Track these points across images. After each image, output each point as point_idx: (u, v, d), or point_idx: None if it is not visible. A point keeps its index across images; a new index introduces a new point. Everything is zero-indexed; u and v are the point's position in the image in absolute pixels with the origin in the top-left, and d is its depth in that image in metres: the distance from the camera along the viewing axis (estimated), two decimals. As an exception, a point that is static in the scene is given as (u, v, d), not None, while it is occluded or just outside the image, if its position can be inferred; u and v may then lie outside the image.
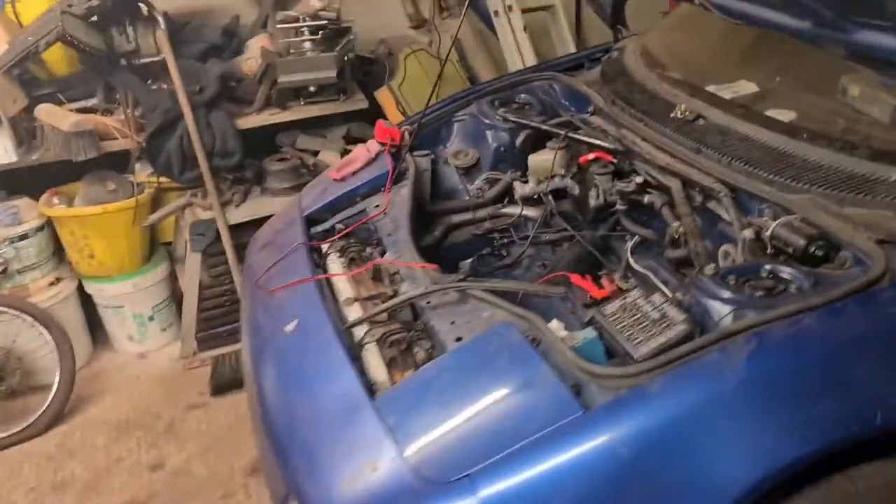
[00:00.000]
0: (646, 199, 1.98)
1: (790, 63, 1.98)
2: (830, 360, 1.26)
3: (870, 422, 1.21)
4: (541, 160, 2.24)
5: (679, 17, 2.58)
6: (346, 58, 3.29)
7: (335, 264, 2.01)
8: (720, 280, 1.41)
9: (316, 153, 3.38)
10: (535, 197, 2.26)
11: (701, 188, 1.77)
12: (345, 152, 3.43)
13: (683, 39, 2.43)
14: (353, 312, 1.78)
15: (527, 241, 2.24)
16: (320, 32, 3.21)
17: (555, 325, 1.44)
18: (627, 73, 2.31)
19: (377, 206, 2.17)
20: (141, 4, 3.10)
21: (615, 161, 2.08)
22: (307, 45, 3.20)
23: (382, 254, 1.99)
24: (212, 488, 2.61)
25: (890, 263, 1.33)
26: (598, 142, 2.09)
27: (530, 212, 2.27)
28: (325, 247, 2.09)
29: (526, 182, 2.28)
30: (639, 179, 1.99)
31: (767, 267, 1.43)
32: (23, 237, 3.10)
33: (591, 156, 2.11)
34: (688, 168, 1.80)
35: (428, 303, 1.69)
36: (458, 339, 1.54)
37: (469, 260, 2.14)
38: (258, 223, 2.56)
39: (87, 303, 3.37)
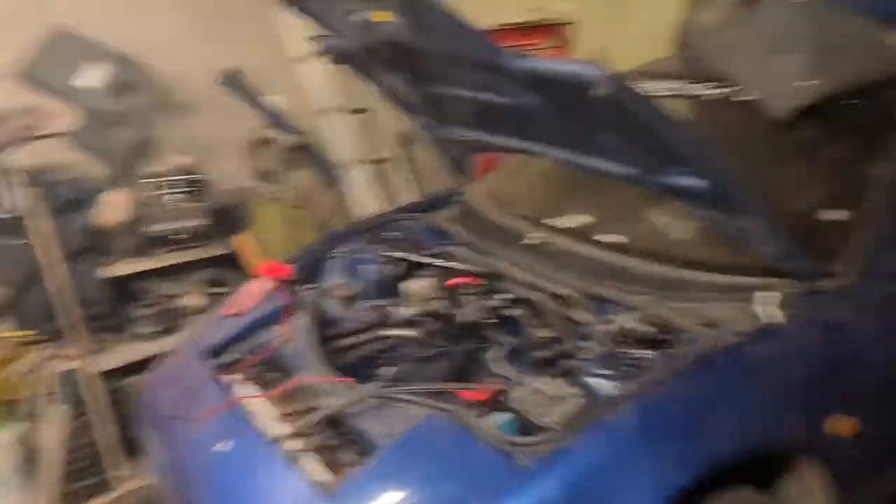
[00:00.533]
0: (510, 312, 2.37)
1: (610, 198, 2.54)
2: (686, 410, 1.68)
3: (721, 454, 1.63)
4: (416, 287, 2.59)
5: (510, 164, 3.14)
6: (208, 207, 3.52)
7: (249, 390, 2.18)
8: (598, 363, 1.81)
9: (179, 297, 3.50)
10: (411, 320, 2.58)
11: (561, 297, 2.20)
12: (207, 296, 3.60)
13: (520, 182, 2.96)
14: (281, 429, 1.96)
15: (407, 359, 2.53)
16: (184, 185, 3.43)
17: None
18: (480, 211, 2.78)
19: (279, 335, 2.39)
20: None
21: (480, 283, 2.47)
22: (171, 196, 3.40)
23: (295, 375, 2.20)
24: None
25: (716, 341, 1.80)
26: (467, 268, 2.48)
27: (407, 333, 2.58)
28: (234, 376, 2.26)
29: (403, 307, 2.61)
30: (504, 297, 2.39)
31: (627, 351, 1.86)
32: None
33: (459, 280, 2.50)
34: (548, 283, 2.23)
35: (350, 413, 1.93)
36: (390, 435, 1.79)
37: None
38: (127, 370, 2.61)
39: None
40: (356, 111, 4.16)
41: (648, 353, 1.83)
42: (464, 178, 3.08)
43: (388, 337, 2.54)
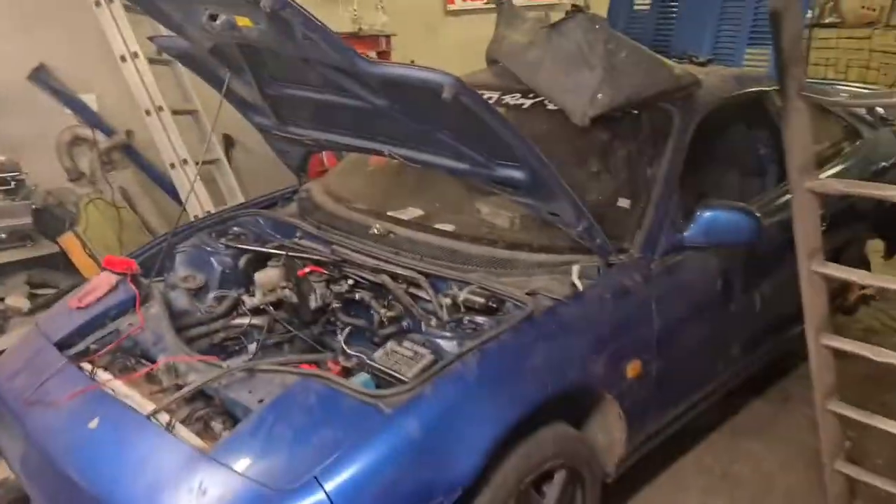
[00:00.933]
0: (357, 296, 2.62)
1: (444, 192, 2.87)
2: (514, 361, 2.03)
3: (545, 391, 2.00)
4: (266, 276, 2.75)
5: (347, 164, 3.39)
6: (32, 206, 3.43)
7: (105, 376, 2.26)
8: (442, 328, 2.12)
9: (1, 299, 3.38)
10: (261, 308, 2.74)
11: (404, 279, 2.48)
12: (31, 296, 3.49)
13: (360, 179, 3.22)
14: (147, 405, 2.07)
15: (257, 345, 2.69)
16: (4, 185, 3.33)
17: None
18: (321, 206, 3.00)
19: (130, 324, 2.47)
20: None
21: (328, 271, 2.70)
22: (-7, 196, 3.29)
23: (153, 361, 2.30)
24: None
25: (535, 305, 2.17)
26: (315, 257, 2.69)
27: (257, 321, 2.74)
28: (88, 363, 2.31)
29: (253, 296, 2.76)
30: (350, 282, 2.63)
31: (466, 318, 2.19)
32: None
33: (307, 269, 2.70)
34: (392, 267, 2.51)
35: (219, 384, 2.09)
36: (261, 401, 1.98)
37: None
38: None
39: None
40: (181, 112, 4.20)
41: (483, 319, 2.17)
42: (301, 176, 3.29)
43: (239, 326, 2.70)
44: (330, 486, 1.70)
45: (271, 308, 2.69)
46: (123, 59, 3.90)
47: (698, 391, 2.73)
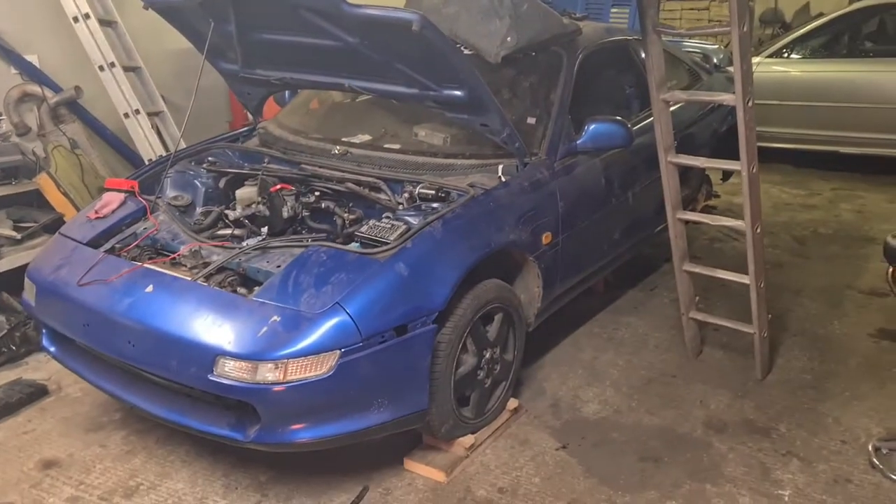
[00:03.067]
0: (323, 205, 3.27)
1: (382, 121, 3.57)
2: (466, 225, 2.77)
3: (489, 246, 2.78)
4: (245, 192, 3.35)
5: (295, 105, 4.00)
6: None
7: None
8: (410, 209, 2.84)
9: (-9, 231, 3.78)
10: (242, 220, 3.33)
11: (367, 185, 3.16)
12: (17, 228, 3.93)
13: (307, 117, 3.86)
14: (187, 276, 2.68)
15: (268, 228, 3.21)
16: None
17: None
18: (282, 138, 3.62)
19: (146, 228, 3.03)
20: None
21: (295, 188, 3.31)
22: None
23: (173, 252, 2.88)
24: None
25: (474, 192, 2.92)
26: (288, 175, 3.32)
27: (238, 231, 3.34)
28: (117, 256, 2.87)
29: (234, 209, 3.35)
30: (317, 194, 3.28)
31: (423, 205, 2.91)
32: None
33: (279, 186, 3.32)
34: (356, 176, 3.19)
35: (240, 260, 2.72)
36: (279, 266, 2.64)
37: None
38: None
39: None
40: (128, 68, 4.64)
41: (436, 204, 2.90)
42: (257, 117, 3.88)
43: (221, 235, 3.28)
44: (350, 308, 2.39)
45: (247, 221, 3.27)
46: (76, 20, 4.30)
47: (591, 264, 3.60)
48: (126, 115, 4.43)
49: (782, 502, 2.59)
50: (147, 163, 4.28)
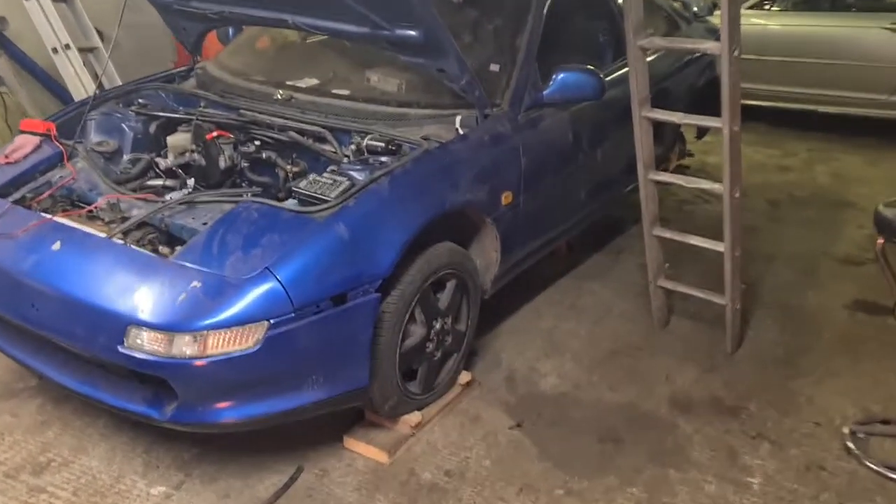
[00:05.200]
0: (264, 155, 2.97)
1: (332, 64, 3.24)
2: (417, 182, 2.50)
3: (442, 205, 2.51)
4: (177, 140, 3.03)
5: (238, 43, 3.65)
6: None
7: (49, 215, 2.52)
8: (356, 163, 2.55)
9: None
10: (174, 169, 3.02)
11: (312, 134, 2.86)
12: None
13: (250, 57, 3.52)
14: (100, 232, 2.38)
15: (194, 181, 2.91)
16: None
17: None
18: (221, 79, 3.28)
19: (61, 176, 2.71)
20: None
21: (234, 135, 3.00)
22: None
23: (90, 204, 2.57)
24: None
25: (428, 145, 2.64)
26: (225, 121, 3.00)
27: (170, 182, 3.03)
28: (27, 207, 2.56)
29: (165, 158, 3.03)
30: (257, 143, 2.97)
31: (371, 159, 2.62)
32: None
33: (215, 133, 3.00)
34: (300, 125, 2.88)
35: (163, 215, 2.43)
36: (205, 224, 2.35)
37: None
38: None
39: None
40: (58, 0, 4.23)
41: (386, 158, 2.61)
42: (195, 55, 3.53)
43: (150, 186, 2.97)
44: (280, 274, 2.12)
45: (181, 171, 2.97)
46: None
47: (554, 227, 3.35)
48: (55, 51, 4.04)
49: (751, 491, 2.40)
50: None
